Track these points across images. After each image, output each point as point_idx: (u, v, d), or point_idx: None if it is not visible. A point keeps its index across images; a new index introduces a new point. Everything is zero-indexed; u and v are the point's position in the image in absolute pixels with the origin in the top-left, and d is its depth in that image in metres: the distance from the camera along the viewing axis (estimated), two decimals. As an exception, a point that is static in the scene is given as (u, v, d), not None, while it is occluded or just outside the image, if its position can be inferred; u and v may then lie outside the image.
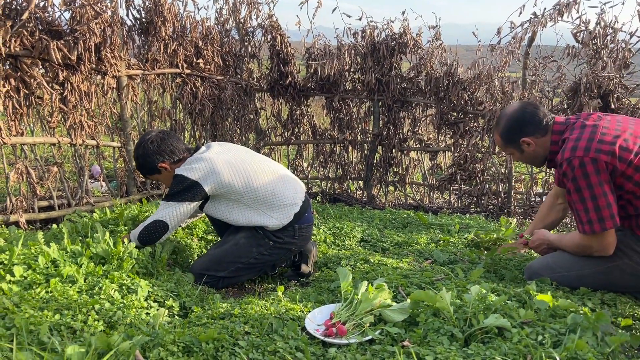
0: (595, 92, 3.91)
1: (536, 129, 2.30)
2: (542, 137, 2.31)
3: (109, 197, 3.94)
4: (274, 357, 1.60)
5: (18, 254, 2.11)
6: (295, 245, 2.68)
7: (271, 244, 2.60)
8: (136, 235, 2.47)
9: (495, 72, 4.28)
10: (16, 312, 1.70)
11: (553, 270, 2.33)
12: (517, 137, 2.33)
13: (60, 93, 3.30)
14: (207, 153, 2.52)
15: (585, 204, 2.09)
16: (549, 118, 2.31)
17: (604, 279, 2.22)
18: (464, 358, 1.53)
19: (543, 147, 2.33)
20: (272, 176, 2.59)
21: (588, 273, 2.24)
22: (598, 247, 2.16)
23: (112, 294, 1.97)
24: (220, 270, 2.57)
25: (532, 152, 2.35)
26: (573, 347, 1.53)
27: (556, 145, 2.28)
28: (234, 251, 2.59)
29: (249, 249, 2.58)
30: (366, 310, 1.89)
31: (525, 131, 2.31)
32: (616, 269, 2.19)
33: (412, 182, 4.97)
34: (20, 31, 2.98)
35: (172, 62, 4.07)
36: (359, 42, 4.59)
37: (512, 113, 2.35)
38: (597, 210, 2.07)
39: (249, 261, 2.59)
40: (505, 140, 2.39)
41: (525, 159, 2.44)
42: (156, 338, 1.63)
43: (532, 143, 2.32)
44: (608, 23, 3.96)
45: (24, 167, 3.23)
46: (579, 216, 2.13)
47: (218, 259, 2.58)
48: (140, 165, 2.59)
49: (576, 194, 2.11)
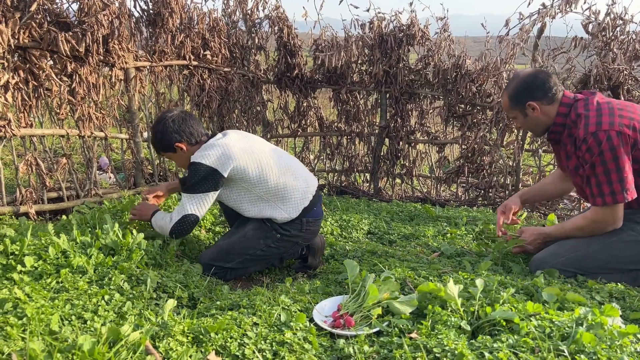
0: (605, 84, 3.87)
1: (544, 95, 2.35)
2: (549, 105, 2.38)
3: (117, 189, 3.96)
4: (283, 348, 1.62)
5: (28, 245, 2.13)
6: (302, 238, 2.68)
7: (278, 237, 2.61)
8: (166, 229, 2.45)
9: (504, 64, 4.24)
10: (28, 302, 1.72)
11: (559, 255, 2.37)
12: (525, 99, 2.38)
13: (68, 85, 3.31)
14: (224, 139, 2.51)
15: (610, 175, 2.18)
16: (559, 89, 2.37)
17: (609, 254, 2.30)
18: (471, 350, 1.53)
19: (548, 115, 2.39)
20: (285, 169, 2.59)
21: (594, 250, 2.32)
22: (613, 220, 2.26)
23: (122, 284, 1.99)
24: (228, 261, 2.58)
25: (536, 117, 2.40)
26: (581, 340, 1.53)
27: (561, 117, 2.36)
28: (242, 243, 2.60)
29: (257, 241, 2.59)
30: (374, 302, 1.90)
31: (533, 95, 2.37)
32: (620, 241, 2.29)
33: (419, 174, 4.95)
34: (28, 23, 2.99)
35: (180, 54, 4.07)
36: (366, 34, 4.56)
37: (525, 76, 2.41)
38: (621, 182, 2.18)
39: (256, 253, 2.61)
40: (512, 101, 2.43)
41: (527, 124, 2.47)
42: (166, 328, 1.65)
43: (538, 108, 2.37)
44: (618, 14, 3.91)
45: (33, 158, 3.26)
46: (600, 189, 2.22)
47: (226, 250, 2.60)
48: (157, 140, 2.56)
49: (601, 167, 2.19)
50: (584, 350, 1.50)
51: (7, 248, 2.07)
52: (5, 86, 2.95)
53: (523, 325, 1.66)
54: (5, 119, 3.03)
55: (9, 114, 3.03)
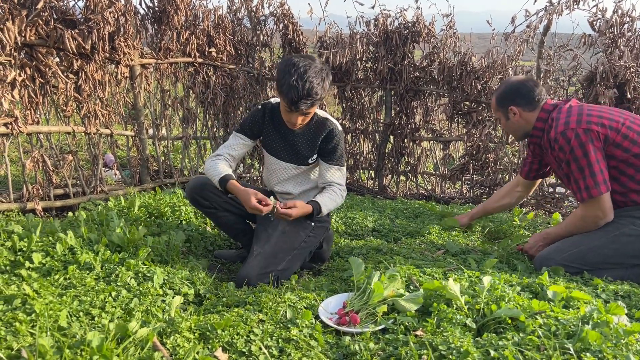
0: (611, 81, 3.85)
1: (527, 103, 2.54)
2: (530, 112, 2.55)
3: (123, 186, 3.98)
4: (289, 344, 1.62)
5: (36, 241, 2.15)
6: (328, 223, 2.69)
7: (313, 225, 2.56)
8: (341, 200, 2.55)
9: (509, 61, 4.23)
10: (36, 298, 1.73)
11: (562, 250, 2.41)
12: (507, 103, 2.58)
13: (74, 82, 3.33)
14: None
15: (583, 172, 2.30)
16: (543, 97, 2.54)
17: (612, 248, 2.35)
18: (477, 348, 1.53)
19: (527, 121, 2.57)
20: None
21: (596, 244, 2.37)
22: (601, 213, 2.34)
23: (129, 281, 2.00)
24: (278, 263, 2.42)
25: (516, 122, 2.60)
26: (587, 338, 1.53)
27: (541, 122, 2.52)
28: (284, 240, 2.48)
29: (297, 234, 2.52)
30: (379, 300, 1.90)
31: (515, 101, 2.56)
32: (622, 235, 2.34)
33: (424, 172, 4.95)
34: (35, 20, 3.01)
35: (185, 51, 4.08)
36: (371, 31, 4.55)
37: (512, 82, 2.62)
38: (593, 176, 2.29)
39: (300, 246, 2.52)
40: (497, 103, 2.64)
41: (508, 127, 2.67)
42: (173, 325, 1.66)
43: (518, 114, 2.56)
44: (625, 11, 3.89)
45: (40, 155, 3.27)
46: (578, 185, 2.34)
47: (272, 254, 2.43)
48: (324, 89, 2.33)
49: (574, 164, 2.31)
50: (590, 349, 1.50)
51: (15, 244, 2.09)
52: (12, 83, 2.97)
53: (528, 323, 1.66)
54: (12, 116, 3.05)
55: (15, 111, 3.05)
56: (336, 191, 2.52)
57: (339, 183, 2.53)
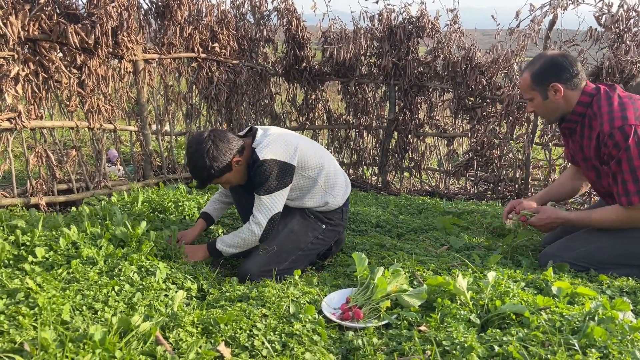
0: (617, 76, 3.82)
1: (570, 79, 2.25)
2: (571, 91, 2.27)
3: (126, 181, 3.98)
4: (292, 339, 1.62)
5: (39, 236, 2.14)
6: (342, 227, 2.64)
7: (324, 227, 2.54)
8: (256, 238, 2.35)
9: (514, 56, 4.20)
10: (39, 292, 1.73)
11: (570, 248, 2.34)
12: (550, 79, 2.27)
13: (78, 77, 3.32)
14: (272, 132, 2.41)
15: (636, 173, 2.10)
16: (583, 76, 2.28)
17: (621, 248, 2.25)
18: (481, 343, 1.52)
19: (568, 101, 2.28)
20: (327, 155, 2.58)
21: (606, 244, 2.28)
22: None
23: (132, 275, 2.00)
24: (280, 262, 2.42)
25: (556, 101, 2.29)
26: (592, 334, 1.52)
27: (582, 107, 2.26)
28: (291, 239, 2.47)
29: (305, 235, 2.49)
30: (382, 295, 1.89)
31: (559, 76, 2.25)
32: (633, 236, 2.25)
33: (428, 168, 4.93)
34: (38, 15, 3.00)
35: (188, 46, 4.07)
36: (375, 26, 4.53)
37: (553, 56, 2.30)
38: None
39: (307, 247, 2.50)
40: (535, 80, 2.30)
41: (545, 107, 2.35)
42: (175, 319, 1.66)
43: (561, 91, 2.26)
44: (631, 6, 3.86)
45: (43, 150, 3.28)
46: (626, 187, 2.13)
47: (276, 252, 2.43)
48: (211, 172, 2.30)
49: (626, 164, 2.10)
50: (595, 345, 1.49)
51: (19, 239, 2.09)
52: (15, 78, 2.96)
53: (533, 319, 1.65)
54: (16, 111, 3.04)
55: (19, 106, 3.05)
56: (245, 226, 2.38)
57: (256, 214, 2.35)
